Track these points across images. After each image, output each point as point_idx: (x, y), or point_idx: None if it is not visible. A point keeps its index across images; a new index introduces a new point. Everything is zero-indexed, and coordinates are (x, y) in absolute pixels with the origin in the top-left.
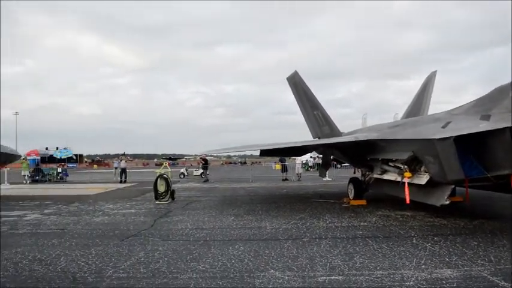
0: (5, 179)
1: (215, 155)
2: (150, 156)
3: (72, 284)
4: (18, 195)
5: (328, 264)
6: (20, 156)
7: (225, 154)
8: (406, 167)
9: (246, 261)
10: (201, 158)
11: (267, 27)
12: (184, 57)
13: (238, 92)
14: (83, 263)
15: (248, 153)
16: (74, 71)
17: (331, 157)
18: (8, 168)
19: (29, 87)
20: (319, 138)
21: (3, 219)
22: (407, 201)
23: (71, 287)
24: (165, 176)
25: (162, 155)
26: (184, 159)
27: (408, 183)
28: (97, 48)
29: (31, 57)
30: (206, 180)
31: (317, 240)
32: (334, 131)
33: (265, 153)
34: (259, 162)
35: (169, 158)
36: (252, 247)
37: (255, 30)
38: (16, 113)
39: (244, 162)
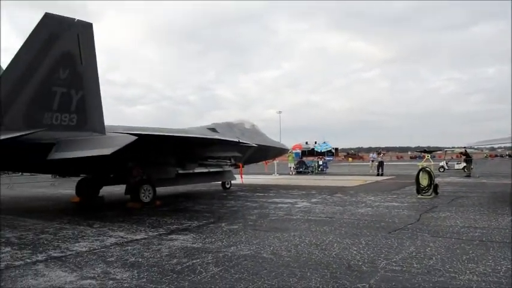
0: (275, 170)
1: (476, 147)
2: (403, 149)
3: (348, 270)
4: (287, 185)
5: None
6: (288, 150)
7: (488, 146)
8: None
9: None
10: (460, 153)
11: None
12: (434, 44)
13: (500, 74)
14: (354, 252)
15: None
16: (324, 70)
17: None
18: (277, 161)
19: (287, 88)
20: None
21: (279, 205)
22: None
23: (347, 273)
24: (427, 169)
25: (416, 147)
26: (441, 151)
27: None
28: (345, 46)
29: (287, 60)
30: (468, 175)
31: None
32: None
33: None
34: None
35: (424, 151)
36: None
37: None
38: (279, 112)
39: None
